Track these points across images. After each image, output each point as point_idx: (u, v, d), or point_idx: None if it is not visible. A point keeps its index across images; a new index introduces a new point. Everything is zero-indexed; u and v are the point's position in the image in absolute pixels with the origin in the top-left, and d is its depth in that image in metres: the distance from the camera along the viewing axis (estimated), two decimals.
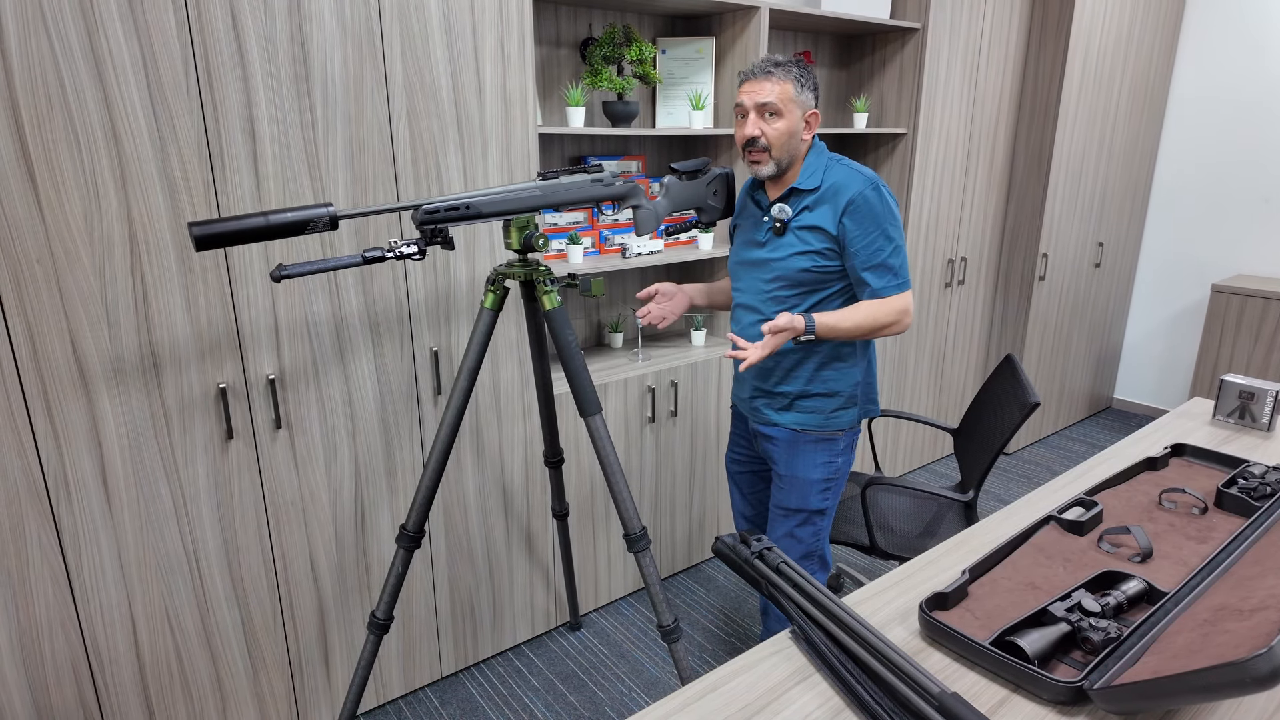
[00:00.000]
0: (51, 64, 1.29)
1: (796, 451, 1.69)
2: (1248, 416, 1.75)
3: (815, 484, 1.70)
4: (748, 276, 1.68)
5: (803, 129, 1.57)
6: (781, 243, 1.60)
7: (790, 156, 1.57)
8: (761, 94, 1.52)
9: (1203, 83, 3.64)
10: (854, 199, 1.54)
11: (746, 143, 1.56)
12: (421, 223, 1.31)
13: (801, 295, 1.61)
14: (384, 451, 1.83)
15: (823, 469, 1.69)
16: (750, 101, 1.54)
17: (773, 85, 1.52)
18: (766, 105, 1.52)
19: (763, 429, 1.74)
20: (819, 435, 1.68)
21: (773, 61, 1.54)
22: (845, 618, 0.98)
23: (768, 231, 1.63)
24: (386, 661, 1.98)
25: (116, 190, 1.38)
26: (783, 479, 1.72)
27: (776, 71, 1.52)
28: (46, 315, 1.36)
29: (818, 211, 1.57)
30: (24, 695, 1.47)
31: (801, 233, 1.58)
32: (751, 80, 1.54)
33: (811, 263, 1.58)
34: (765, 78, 1.52)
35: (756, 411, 1.74)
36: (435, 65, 1.69)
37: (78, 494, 1.45)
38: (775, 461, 1.73)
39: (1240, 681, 0.71)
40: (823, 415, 1.67)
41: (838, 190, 1.56)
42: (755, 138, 1.54)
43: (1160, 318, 3.98)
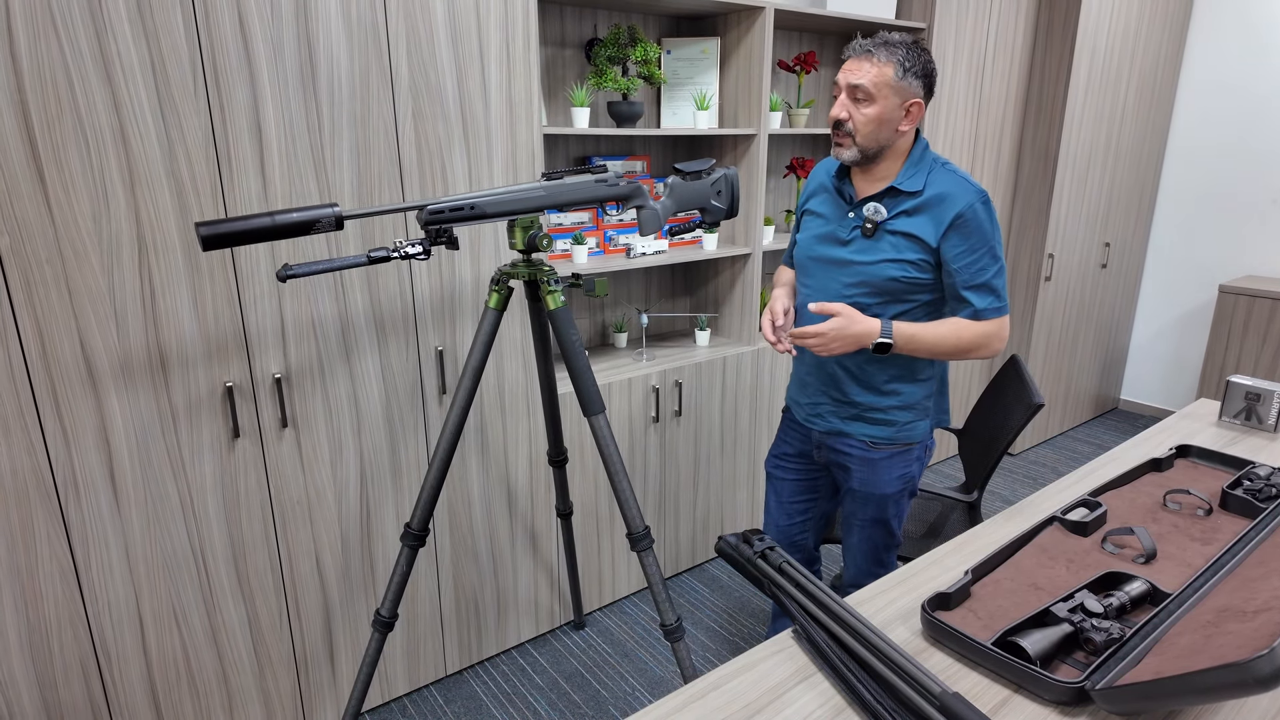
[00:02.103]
0: (61, 66, 1.30)
1: (872, 466, 1.59)
2: (1254, 418, 1.74)
3: (891, 496, 1.61)
4: (822, 274, 1.55)
5: (901, 118, 1.42)
6: (871, 245, 1.47)
7: (878, 146, 1.44)
8: (856, 74, 1.40)
9: (1210, 82, 3.62)
10: (964, 213, 1.41)
11: (834, 124, 1.45)
12: (426, 223, 1.31)
13: (884, 304, 1.49)
14: (389, 450, 1.84)
15: (898, 482, 1.61)
16: (844, 81, 1.42)
17: (870, 67, 1.39)
18: (858, 88, 1.40)
19: (831, 441, 1.63)
20: (893, 448, 1.58)
21: (881, 40, 1.41)
22: (847, 617, 0.98)
23: (854, 230, 1.50)
24: (391, 659, 1.99)
25: (125, 191, 1.40)
26: (857, 494, 1.63)
27: (879, 52, 1.39)
28: (55, 315, 1.38)
29: (918, 219, 1.44)
30: (33, 692, 1.49)
31: (896, 239, 1.45)
32: (852, 58, 1.43)
33: (902, 272, 1.45)
34: (865, 57, 1.40)
35: (821, 419, 1.63)
36: (441, 66, 1.69)
37: (86, 492, 1.47)
38: (849, 476, 1.63)
39: (1242, 682, 0.71)
40: (895, 428, 1.57)
41: (944, 199, 1.43)
42: (842, 120, 1.43)
43: (1167, 318, 3.96)
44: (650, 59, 2.20)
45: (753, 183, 2.45)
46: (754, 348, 2.55)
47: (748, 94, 2.39)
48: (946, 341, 1.44)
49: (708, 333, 2.55)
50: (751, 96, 2.37)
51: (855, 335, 1.41)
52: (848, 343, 1.41)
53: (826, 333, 1.41)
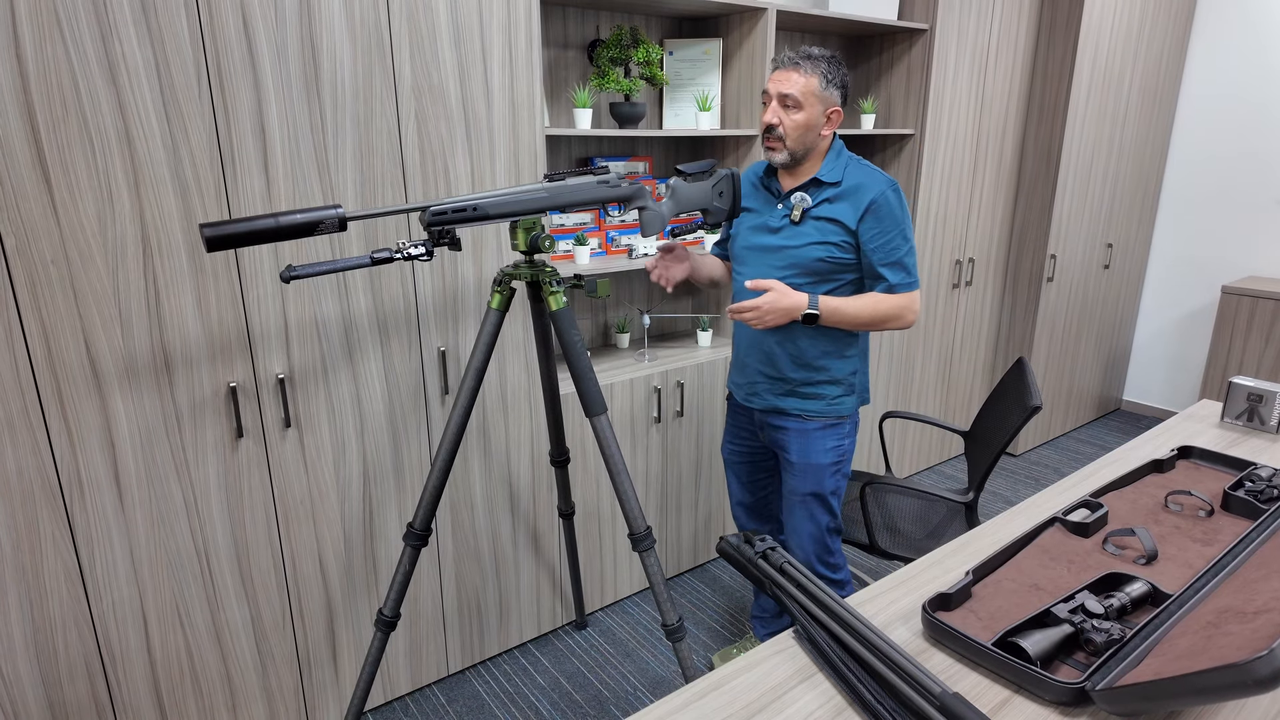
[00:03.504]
0: (66, 69, 1.30)
1: (807, 438, 1.74)
2: (1256, 419, 1.74)
3: (827, 468, 1.75)
4: (756, 261, 1.71)
5: (823, 124, 1.61)
6: (798, 231, 1.64)
7: (805, 148, 1.61)
8: (785, 84, 1.57)
9: (1214, 82, 3.61)
10: (876, 199, 1.59)
11: (765, 129, 1.61)
12: (429, 224, 1.32)
13: (814, 284, 1.66)
14: (392, 451, 1.84)
15: (832, 453, 1.75)
16: (774, 90, 1.59)
17: (798, 78, 1.56)
18: (787, 96, 1.56)
19: (770, 419, 1.78)
20: (825, 421, 1.74)
21: (805, 54, 1.57)
22: (848, 617, 0.99)
23: (783, 218, 1.67)
24: (394, 659, 1.99)
25: (129, 192, 1.40)
26: (794, 465, 1.77)
27: (805, 64, 1.56)
28: (61, 316, 1.38)
29: (838, 205, 1.62)
30: (38, 691, 1.49)
31: (820, 223, 1.63)
32: (780, 69, 1.59)
33: (827, 253, 1.62)
34: (793, 69, 1.57)
35: (758, 397, 1.78)
36: (444, 68, 1.70)
37: (91, 492, 1.47)
38: (786, 449, 1.77)
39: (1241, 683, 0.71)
40: (825, 401, 1.73)
41: (860, 188, 1.61)
42: (773, 126, 1.59)
43: (1170, 319, 3.95)
44: (652, 60, 2.20)
45: None
46: None
47: (750, 95, 2.39)
48: (865, 312, 1.61)
49: (710, 333, 2.56)
50: (754, 97, 2.38)
51: (786, 308, 1.56)
52: (779, 315, 1.56)
53: (761, 305, 1.55)
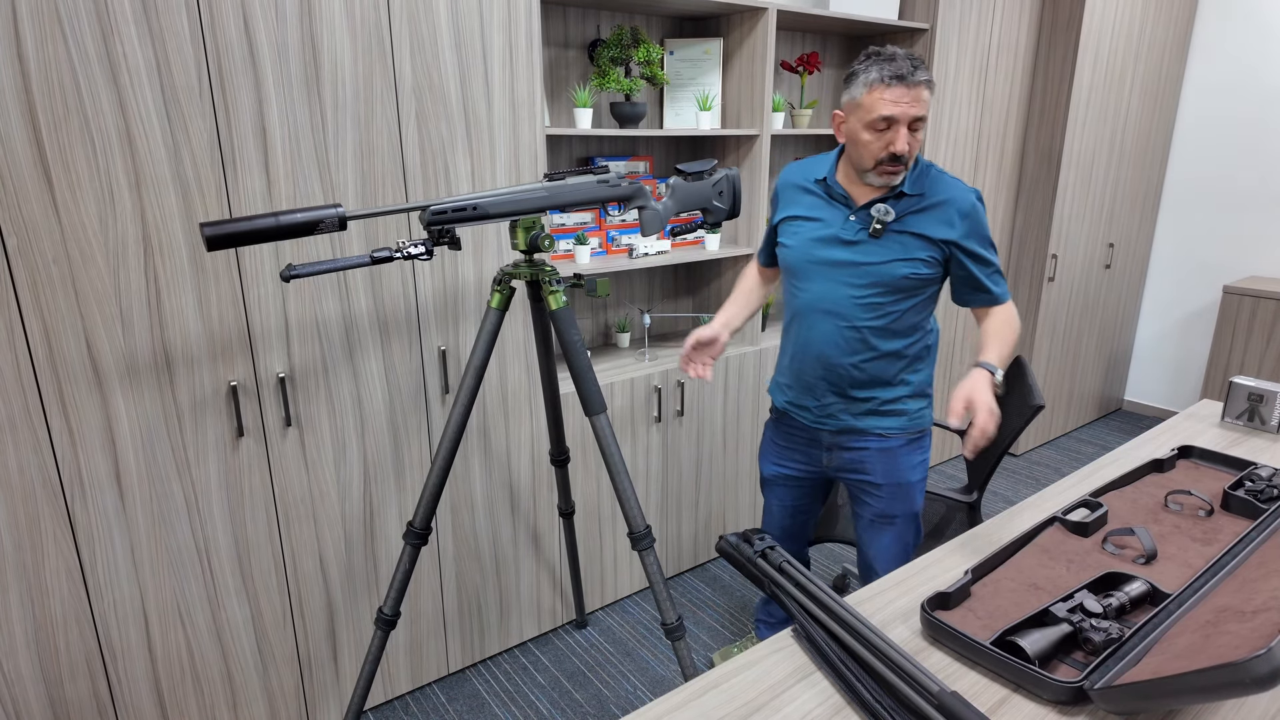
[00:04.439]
0: (68, 68, 1.31)
1: (893, 457, 1.61)
2: (1257, 419, 1.74)
3: (915, 486, 1.65)
4: (825, 277, 1.55)
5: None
6: (879, 246, 1.49)
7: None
8: (918, 105, 1.38)
9: (1215, 82, 3.61)
10: (971, 211, 1.48)
11: (890, 158, 1.41)
12: (429, 223, 1.32)
13: (896, 301, 1.52)
14: (392, 450, 1.85)
15: (919, 469, 1.65)
16: (905, 113, 1.37)
17: (927, 95, 1.39)
18: (921, 119, 1.40)
19: (845, 439, 1.64)
20: (908, 436, 1.61)
21: (917, 61, 1.38)
22: (846, 616, 0.99)
23: (860, 231, 1.50)
24: (394, 657, 1.99)
25: (131, 192, 1.41)
26: (881, 488, 1.64)
27: (928, 80, 1.39)
28: (62, 315, 1.39)
29: (924, 218, 1.48)
30: (39, 689, 1.50)
31: (903, 238, 1.48)
32: (904, 86, 1.37)
33: (913, 270, 1.49)
34: (923, 86, 1.38)
35: (833, 418, 1.63)
36: (444, 68, 1.70)
37: (92, 491, 1.48)
38: (868, 471, 1.63)
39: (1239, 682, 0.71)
40: (907, 417, 1.60)
41: (949, 200, 1.48)
42: (903, 154, 1.41)
43: (1171, 319, 3.95)
44: (653, 60, 2.20)
45: (755, 183, 2.45)
46: (756, 348, 2.55)
47: (750, 95, 2.39)
48: (1011, 342, 1.50)
49: None
50: (754, 97, 2.38)
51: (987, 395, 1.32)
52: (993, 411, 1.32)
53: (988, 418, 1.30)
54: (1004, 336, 1.50)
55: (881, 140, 1.41)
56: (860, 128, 1.43)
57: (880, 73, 1.38)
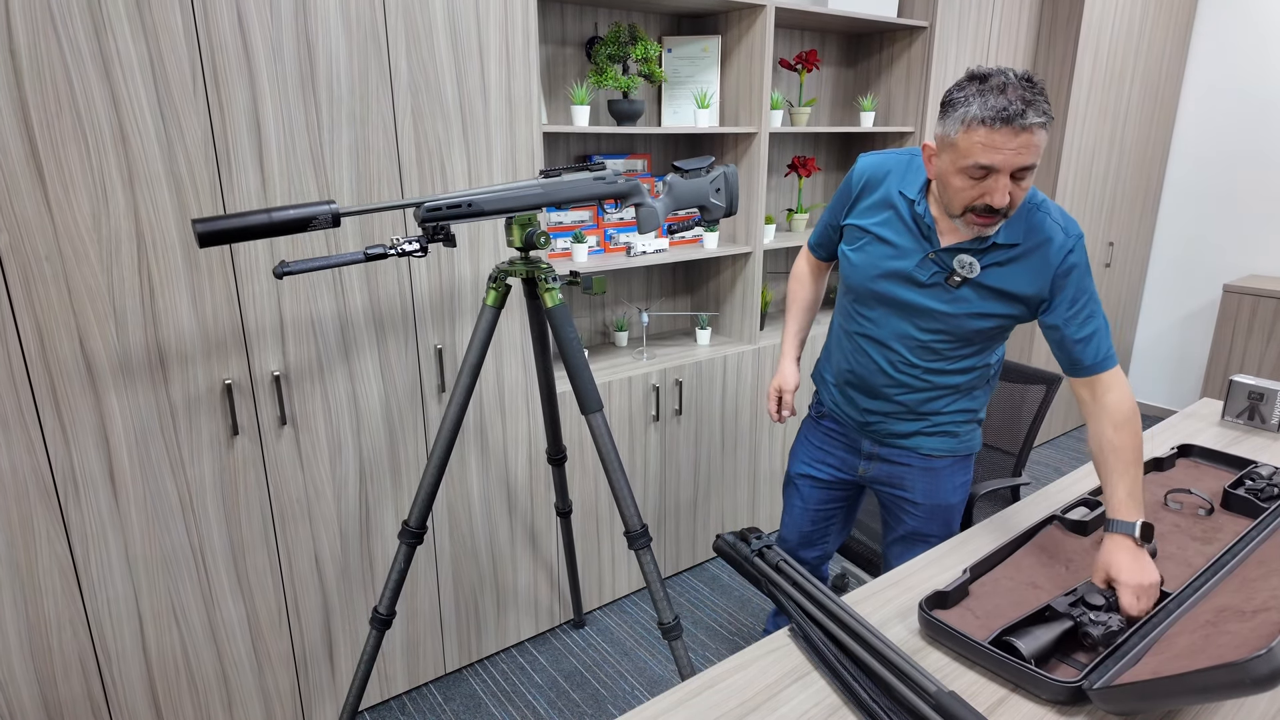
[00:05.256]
0: (60, 65, 1.30)
1: (936, 477, 1.50)
2: (1257, 417, 1.73)
3: (955, 508, 1.54)
4: (891, 317, 1.39)
5: None
6: (956, 296, 1.31)
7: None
8: (1028, 153, 1.11)
9: (1216, 80, 3.60)
10: (1065, 265, 1.24)
11: (985, 209, 1.17)
12: (424, 220, 1.31)
13: (962, 346, 1.37)
14: (388, 448, 1.84)
15: (961, 490, 1.54)
16: (1007, 164, 1.12)
17: (1041, 139, 1.12)
18: (1030, 169, 1.13)
19: (886, 451, 1.53)
20: (954, 458, 1.51)
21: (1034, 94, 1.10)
22: (843, 616, 0.98)
23: (935, 274, 1.31)
24: (391, 657, 1.99)
25: (124, 189, 1.40)
26: (920, 506, 1.53)
27: (1043, 120, 1.10)
28: (55, 313, 1.38)
29: (1010, 270, 1.27)
30: (32, 689, 1.49)
31: (984, 292, 1.29)
32: (1010, 130, 1.10)
33: (987, 324, 1.32)
34: (1034, 130, 1.10)
35: (884, 425, 1.50)
36: (440, 65, 1.69)
37: (85, 490, 1.47)
38: (907, 488, 1.53)
39: (1239, 682, 0.71)
40: (956, 438, 1.49)
41: (1039, 247, 1.25)
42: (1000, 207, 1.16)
43: (1171, 318, 3.94)
44: (651, 57, 2.20)
45: (754, 181, 2.45)
46: (754, 347, 2.54)
47: (748, 92, 2.38)
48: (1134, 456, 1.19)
49: (708, 331, 2.55)
50: (752, 95, 2.37)
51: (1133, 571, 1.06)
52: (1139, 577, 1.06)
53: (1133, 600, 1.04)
54: (1124, 457, 1.18)
55: (976, 190, 1.16)
56: (952, 170, 1.18)
57: (982, 109, 1.10)
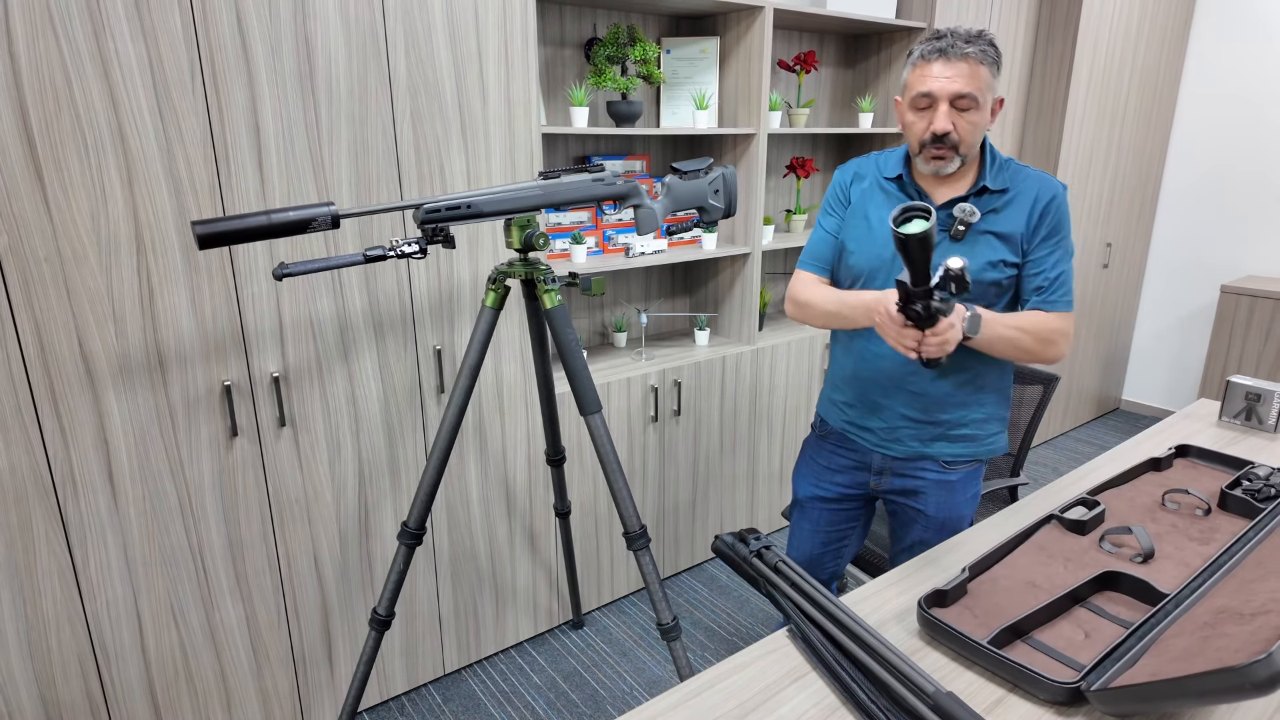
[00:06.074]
0: (59, 65, 1.30)
1: (949, 489, 1.46)
2: (1254, 418, 1.73)
3: (965, 519, 1.49)
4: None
5: (989, 120, 1.31)
6: (960, 250, 1.33)
7: (974, 151, 1.33)
8: (959, 81, 1.24)
9: (1213, 80, 3.61)
10: (1050, 202, 1.32)
11: (933, 138, 1.28)
12: (423, 222, 1.31)
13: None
14: (387, 449, 1.84)
15: (973, 501, 1.49)
16: (942, 89, 1.25)
17: (971, 70, 1.24)
18: (964, 96, 1.25)
19: (901, 467, 1.48)
20: (969, 466, 1.46)
21: (964, 38, 1.25)
22: (842, 616, 0.98)
23: (939, 233, 1.33)
24: (390, 658, 1.99)
25: (123, 190, 1.40)
26: (932, 519, 1.48)
27: (974, 52, 1.24)
28: (54, 314, 1.38)
29: (1005, 215, 1.33)
30: (31, 689, 1.49)
31: (989, 239, 1.32)
32: (945, 60, 1.25)
33: (999, 274, 1.32)
34: (963, 59, 1.24)
35: (899, 443, 1.46)
36: (439, 66, 1.69)
37: (84, 490, 1.47)
38: (922, 501, 1.48)
39: (1238, 686, 0.71)
40: (977, 443, 1.44)
41: (1031, 191, 1.33)
42: (946, 134, 1.26)
43: (1169, 319, 3.95)
44: (649, 58, 2.20)
45: (752, 182, 2.45)
46: (753, 347, 2.54)
47: (747, 93, 2.38)
48: (1024, 330, 1.29)
49: (707, 332, 2.55)
50: (751, 96, 2.37)
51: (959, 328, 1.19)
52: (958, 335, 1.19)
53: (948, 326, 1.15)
54: (1020, 319, 1.30)
55: (924, 121, 1.29)
56: (906, 109, 1.33)
57: (924, 49, 1.29)
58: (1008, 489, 1.93)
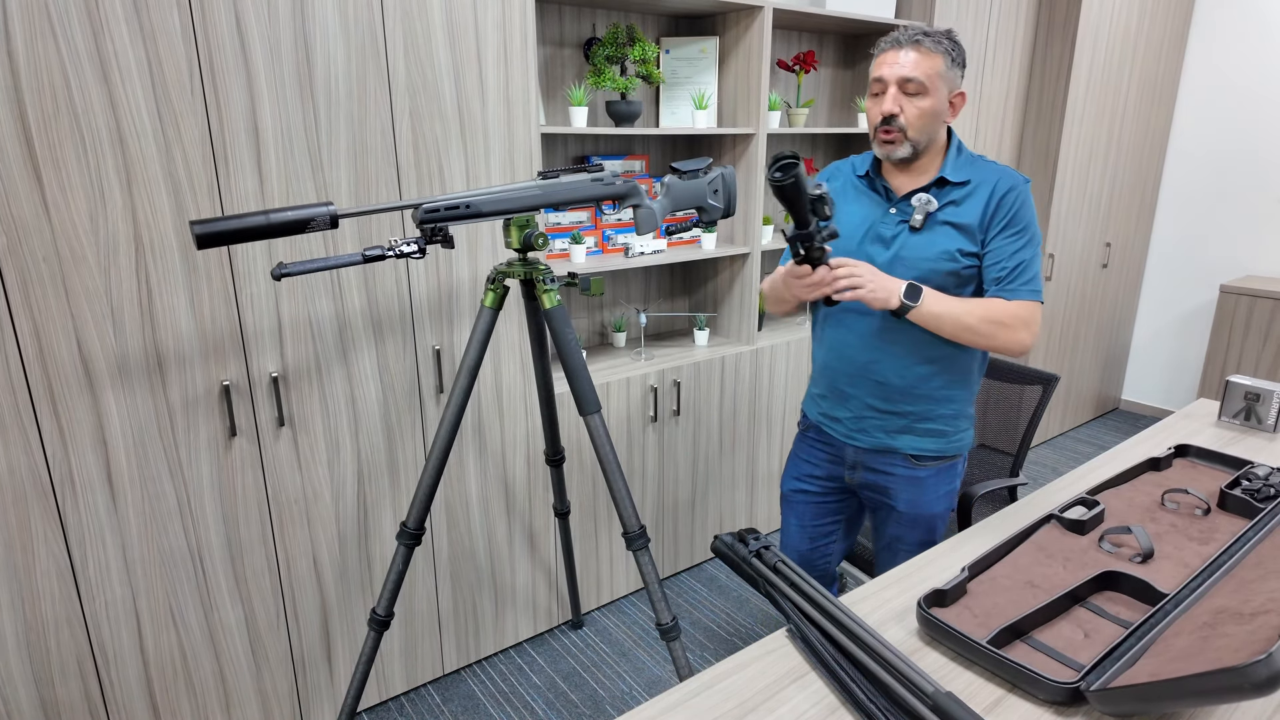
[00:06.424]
0: (58, 66, 1.30)
1: (920, 486, 1.50)
2: (1253, 418, 1.73)
3: (939, 517, 1.53)
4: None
5: (947, 111, 1.38)
6: (920, 241, 1.38)
7: (928, 139, 1.38)
8: (906, 67, 1.33)
9: (1213, 80, 3.61)
10: (1010, 190, 1.37)
11: (882, 120, 1.37)
12: (421, 221, 1.31)
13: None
14: (386, 449, 1.84)
15: (946, 499, 1.53)
16: (891, 74, 1.35)
17: (920, 57, 1.33)
18: (910, 81, 1.33)
19: (871, 460, 1.52)
20: (940, 463, 1.49)
21: (921, 31, 1.36)
22: (841, 616, 0.98)
23: (899, 224, 1.41)
24: (389, 658, 1.99)
25: (122, 190, 1.40)
26: (903, 515, 1.53)
27: (926, 42, 1.34)
28: (52, 314, 1.38)
29: (964, 206, 1.38)
30: (30, 690, 1.49)
31: (947, 229, 1.38)
32: (895, 49, 1.36)
33: (956, 264, 1.37)
34: (912, 47, 1.34)
35: (865, 434, 1.51)
36: (438, 66, 1.69)
37: (83, 491, 1.47)
38: (892, 496, 1.53)
39: (1238, 687, 0.71)
40: (944, 439, 1.48)
41: (990, 183, 1.38)
42: (894, 115, 1.35)
43: (1168, 318, 3.95)
44: (649, 58, 2.20)
45: (751, 182, 2.45)
46: (752, 347, 2.54)
47: (746, 93, 2.38)
48: (974, 314, 1.32)
49: (706, 332, 2.55)
50: (750, 96, 2.37)
51: (886, 284, 1.29)
52: (878, 287, 1.29)
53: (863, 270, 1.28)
54: (973, 303, 1.34)
55: (877, 106, 1.38)
56: (867, 99, 1.43)
57: (882, 41, 1.40)
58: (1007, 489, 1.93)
